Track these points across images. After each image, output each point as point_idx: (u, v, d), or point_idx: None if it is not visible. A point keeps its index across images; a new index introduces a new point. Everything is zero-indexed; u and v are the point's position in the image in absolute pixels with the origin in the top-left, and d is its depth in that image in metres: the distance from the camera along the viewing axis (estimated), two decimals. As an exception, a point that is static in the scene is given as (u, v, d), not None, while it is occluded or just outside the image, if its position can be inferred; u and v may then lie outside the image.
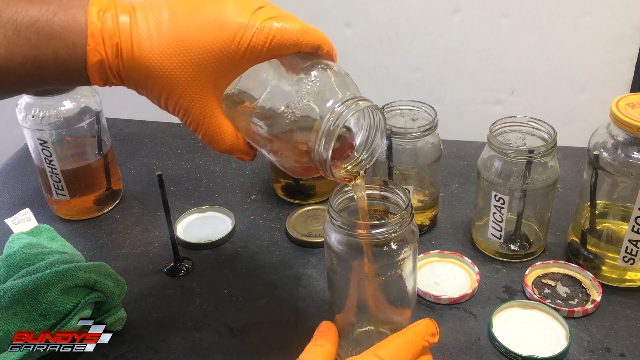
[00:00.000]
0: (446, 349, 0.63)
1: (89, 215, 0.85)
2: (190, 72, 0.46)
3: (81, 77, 0.46)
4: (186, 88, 0.47)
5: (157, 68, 0.46)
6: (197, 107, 0.48)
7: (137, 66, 0.46)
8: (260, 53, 0.47)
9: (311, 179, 0.84)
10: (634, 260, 0.67)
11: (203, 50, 0.46)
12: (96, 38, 0.45)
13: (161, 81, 0.46)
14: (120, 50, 0.45)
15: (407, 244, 0.53)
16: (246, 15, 0.46)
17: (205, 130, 0.49)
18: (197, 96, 0.47)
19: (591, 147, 0.67)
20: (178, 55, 0.46)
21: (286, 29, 0.47)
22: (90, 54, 0.45)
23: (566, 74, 1.28)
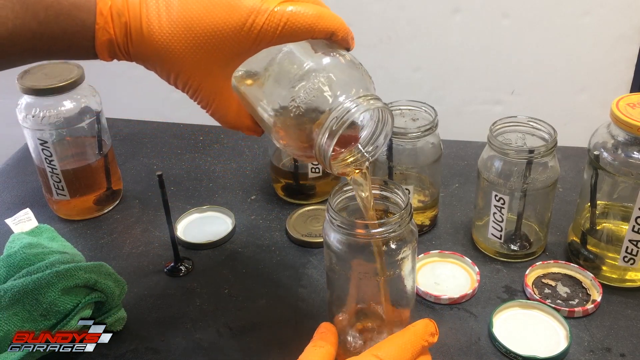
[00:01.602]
0: (446, 349, 0.63)
1: (89, 215, 0.85)
2: (200, 54, 0.46)
3: (88, 53, 0.46)
4: (195, 69, 0.47)
5: (166, 49, 0.45)
6: (206, 87, 0.48)
7: (146, 46, 0.45)
8: (272, 38, 0.46)
9: (311, 179, 0.85)
10: (634, 260, 0.67)
11: (213, 34, 0.45)
12: (105, 16, 0.44)
13: (170, 62, 0.46)
14: (130, 29, 0.45)
15: (406, 244, 0.53)
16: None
17: (214, 108, 0.49)
18: (206, 77, 0.47)
19: (591, 147, 0.67)
20: (187, 38, 0.45)
21: (299, 14, 0.45)
22: (99, 32, 0.45)
23: (566, 74, 1.28)
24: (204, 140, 1.03)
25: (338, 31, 0.48)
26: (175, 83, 0.48)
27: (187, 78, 0.47)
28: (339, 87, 0.47)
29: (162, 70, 0.47)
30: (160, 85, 1.39)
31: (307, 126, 0.47)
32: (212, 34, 0.45)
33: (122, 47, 0.46)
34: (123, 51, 0.46)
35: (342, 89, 0.47)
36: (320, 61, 0.48)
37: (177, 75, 0.47)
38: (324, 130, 0.46)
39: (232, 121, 0.51)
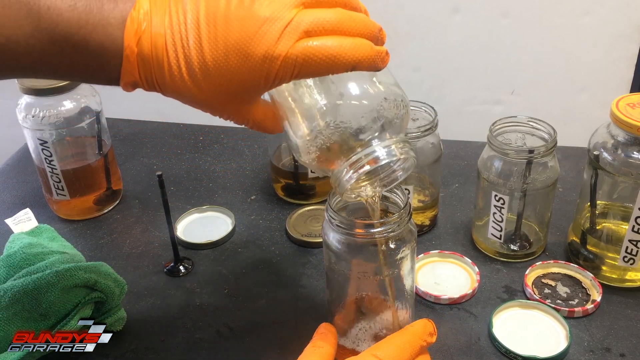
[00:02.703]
0: (446, 349, 0.63)
1: (89, 215, 0.85)
2: (221, 99, 0.46)
3: (111, 84, 0.47)
4: (222, 109, 0.48)
5: (191, 97, 0.46)
6: (237, 117, 0.49)
7: (172, 94, 0.47)
8: (290, 79, 0.45)
9: (311, 179, 0.85)
10: (634, 260, 0.67)
11: (231, 82, 0.45)
12: (132, 63, 0.45)
13: (195, 102, 0.47)
14: (156, 80, 0.46)
15: (405, 244, 0.53)
16: (271, 41, 0.43)
17: (252, 125, 0.50)
18: (234, 112, 0.48)
19: (591, 147, 0.67)
20: (207, 87, 0.45)
21: (315, 56, 0.43)
22: (125, 75, 0.45)
23: (566, 74, 1.28)
24: (204, 140, 1.03)
25: (361, 63, 0.45)
26: (206, 113, 0.49)
27: (214, 112, 0.48)
28: (364, 122, 0.46)
29: (191, 105, 0.48)
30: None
31: (333, 150, 0.47)
32: (229, 82, 0.45)
33: (148, 87, 0.47)
34: (147, 89, 0.47)
35: (368, 124, 0.46)
36: (344, 91, 0.47)
37: (205, 111, 0.48)
38: (348, 164, 0.46)
39: (272, 130, 0.51)
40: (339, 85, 0.47)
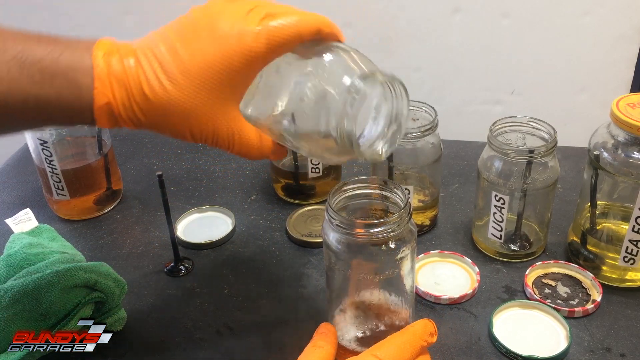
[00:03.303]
0: (446, 349, 0.63)
1: (89, 215, 0.85)
2: (205, 96, 0.46)
3: (86, 118, 0.46)
4: (206, 113, 0.47)
5: (173, 103, 0.46)
6: (221, 128, 0.48)
7: (154, 107, 0.45)
8: (265, 56, 0.46)
9: (311, 179, 0.85)
10: (634, 260, 0.67)
11: (210, 72, 0.45)
12: (103, 81, 0.44)
13: (181, 114, 0.46)
14: (133, 94, 0.45)
15: (405, 244, 0.53)
16: (239, 23, 0.45)
17: (237, 145, 0.49)
18: (219, 118, 0.47)
19: (591, 147, 0.67)
20: (188, 86, 0.45)
21: (283, 25, 0.46)
22: (98, 96, 0.45)
23: (566, 74, 1.27)
24: (204, 140, 1.02)
25: (323, 27, 0.49)
26: (193, 135, 0.48)
27: (201, 125, 0.47)
28: (344, 72, 0.46)
29: (176, 126, 0.47)
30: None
31: (324, 120, 0.47)
32: (208, 72, 0.45)
33: (125, 113, 0.46)
34: (125, 117, 0.46)
35: (348, 72, 0.46)
36: (318, 59, 0.48)
37: (191, 126, 0.47)
38: (341, 114, 0.45)
39: (257, 150, 0.51)
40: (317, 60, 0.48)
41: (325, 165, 0.85)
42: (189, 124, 0.47)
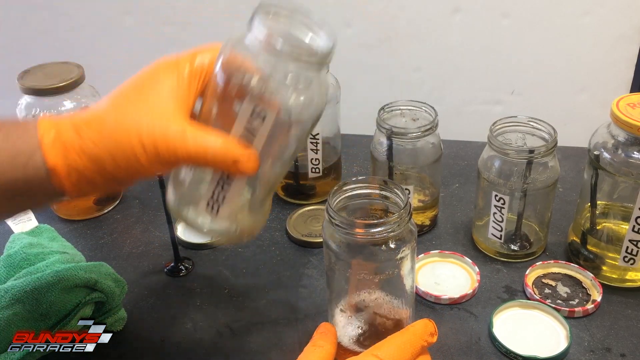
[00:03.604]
0: (446, 349, 0.63)
1: (89, 215, 0.85)
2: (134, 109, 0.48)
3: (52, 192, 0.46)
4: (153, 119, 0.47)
5: (110, 117, 0.47)
6: (171, 126, 0.47)
7: (100, 125, 0.46)
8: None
9: (311, 179, 0.84)
10: (634, 260, 0.67)
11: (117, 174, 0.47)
12: (46, 129, 0.46)
13: (127, 127, 0.46)
14: (77, 125, 0.46)
15: (405, 244, 0.53)
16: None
17: (192, 142, 0.47)
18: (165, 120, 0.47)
19: (591, 147, 0.67)
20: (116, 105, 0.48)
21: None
22: (44, 132, 0.46)
23: (566, 74, 1.27)
24: (204, 141, 1.02)
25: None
26: (144, 147, 0.47)
27: (152, 127, 0.47)
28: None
29: (130, 143, 0.47)
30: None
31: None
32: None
33: (74, 141, 0.46)
34: (77, 147, 0.46)
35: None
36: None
37: (140, 137, 0.47)
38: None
39: (216, 144, 0.48)
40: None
41: (325, 165, 0.85)
42: (138, 133, 0.46)
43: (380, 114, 0.75)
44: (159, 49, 1.35)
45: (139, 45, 1.36)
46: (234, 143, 0.47)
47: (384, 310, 0.58)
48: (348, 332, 0.59)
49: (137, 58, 1.39)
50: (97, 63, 1.35)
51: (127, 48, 1.37)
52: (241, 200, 0.52)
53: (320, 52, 0.46)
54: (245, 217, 0.53)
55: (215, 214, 0.51)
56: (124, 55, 1.38)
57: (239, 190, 0.50)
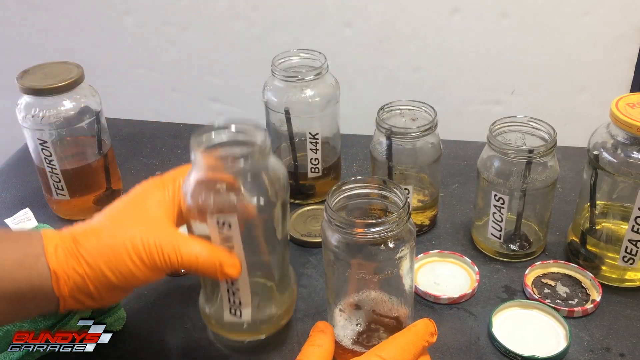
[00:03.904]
0: (446, 349, 0.63)
1: (89, 215, 0.83)
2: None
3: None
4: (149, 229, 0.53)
5: (110, 237, 0.52)
6: (163, 238, 0.52)
7: (97, 236, 0.52)
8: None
9: (311, 179, 0.85)
10: (633, 260, 0.67)
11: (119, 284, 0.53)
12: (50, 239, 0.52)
13: (122, 236, 0.52)
14: (76, 236, 0.52)
15: (404, 243, 0.53)
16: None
17: (185, 254, 0.53)
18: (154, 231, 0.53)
19: (591, 147, 0.67)
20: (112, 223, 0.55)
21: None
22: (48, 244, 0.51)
23: (566, 74, 1.27)
24: (203, 140, 1.02)
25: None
26: (136, 250, 0.52)
27: (148, 235, 0.53)
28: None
29: (125, 246, 0.52)
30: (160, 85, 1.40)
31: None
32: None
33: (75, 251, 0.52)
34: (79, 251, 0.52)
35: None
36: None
37: (134, 245, 0.52)
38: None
39: (205, 253, 0.54)
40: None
41: (324, 165, 0.85)
42: (133, 240, 0.52)
43: (380, 113, 0.75)
44: (159, 49, 1.35)
45: (139, 45, 1.36)
46: (218, 250, 0.54)
47: (383, 309, 0.58)
48: (347, 332, 0.59)
49: (137, 58, 1.39)
50: (97, 63, 1.35)
51: (127, 48, 1.37)
52: (257, 295, 0.60)
53: (252, 152, 0.54)
54: (273, 303, 0.61)
55: (240, 317, 0.59)
56: (124, 55, 1.38)
57: (247, 290, 0.58)
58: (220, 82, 1.40)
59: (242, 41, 1.32)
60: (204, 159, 0.53)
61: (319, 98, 0.80)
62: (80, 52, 1.39)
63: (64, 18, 1.35)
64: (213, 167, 0.53)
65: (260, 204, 0.55)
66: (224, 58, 1.35)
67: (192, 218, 0.55)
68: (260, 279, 0.62)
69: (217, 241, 0.54)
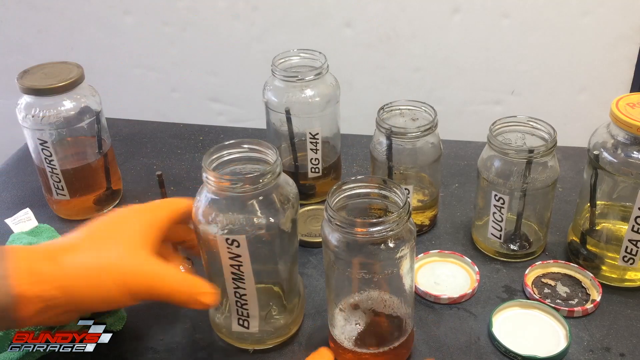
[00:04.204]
0: (446, 349, 0.63)
1: (89, 215, 0.85)
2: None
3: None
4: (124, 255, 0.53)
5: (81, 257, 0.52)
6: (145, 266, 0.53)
7: (75, 256, 0.52)
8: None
9: (311, 179, 0.85)
10: (633, 260, 0.67)
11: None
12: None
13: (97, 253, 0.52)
14: (53, 254, 0.52)
15: (404, 243, 0.53)
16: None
17: (166, 283, 0.53)
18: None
19: (591, 147, 0.67)
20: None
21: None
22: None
23: (566, 74, 1.28)
24: (203, 140, 1.03)
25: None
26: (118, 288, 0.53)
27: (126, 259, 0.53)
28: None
29: (102, 266, 0.53)
30: (160, 85, 1.40)
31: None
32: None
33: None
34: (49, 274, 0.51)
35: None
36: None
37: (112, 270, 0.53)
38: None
39: (186, 285, 0.56)
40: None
41: (325, 165, 0.85)
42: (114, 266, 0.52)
43: (380, 113, 0.75)
44: (159, 49, 1.36)
45: (139, 45, 1.37)
46: (196, 279, 0.55)
47: (383, 309, 0.58)
48: (347, 332, 0.59)
49: (137, 58, 1.39)
50: (97, 63, 1.35)
51: (127, 48, 1.37)
52: (265, 308, 0.62)
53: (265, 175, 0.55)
54: (281, 315, 0.63)
55: (247, 328, 0.61)
56: (124, 55, 1.39)
57: (255, 303, 0.59)
58: (220, 82, 1.40)
59: (242, 41, 1.32)
60: (214, 178, 0.54)
61: (319, 98, 0.80)
62: (80, 52, 1.39)
63: (64, 18, 1.35)
64: (223, 187, 0.54)
65: (270, 223, 0.56)
66: (224, 58, 1.36)
67: (203, 235, 0.57)
68: (268, 292, 0.63)
69: (226, 258, 0.55)
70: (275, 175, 0.55)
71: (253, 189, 0.54)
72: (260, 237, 0.56)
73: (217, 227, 0.55)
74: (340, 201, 0.56)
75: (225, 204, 0.55)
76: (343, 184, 0.56)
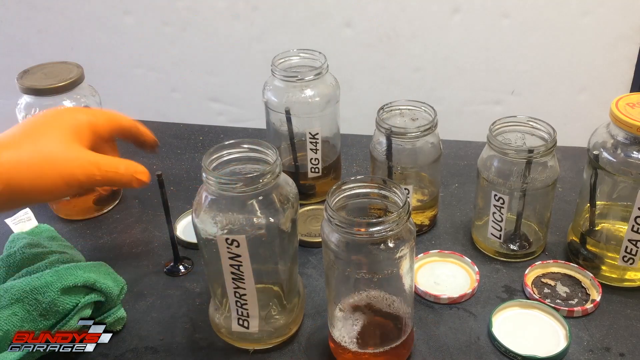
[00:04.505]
0: (446, 349, 0.63)
1: (89, 215, 0.85)
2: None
3: None
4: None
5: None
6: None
7: (17, 151, 0.52)
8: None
9: (311, 179, 0.85)
10: (633, 260, 0.67)
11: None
12: None
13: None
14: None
15: (404, 243, 0.53)
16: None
17: (102, 165, 0.56)
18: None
19: (591, 147, 0.67)
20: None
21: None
22: None
23: (566, 74, 1.28)
24: (203, 140, 1.03)
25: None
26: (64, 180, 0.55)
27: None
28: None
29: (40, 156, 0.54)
30: (160, 85, 1.40)
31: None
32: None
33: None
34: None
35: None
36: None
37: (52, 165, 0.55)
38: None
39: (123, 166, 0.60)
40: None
41: (324, 165, 0.85)
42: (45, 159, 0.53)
43: (380, 113, 0.75)
44: (159, 49, 1.36)
45: (139, 45, 1.37)
46: (131, 162, 0.60)
47: (383, 309, 0.58)
48: (347, 331, 0.59)
49: (137, 58, 1.39)
50: (97, 63, 1.35)
51: (127, 48, 1.37)
52: (265, 308, 0.62)
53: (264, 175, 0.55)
54: (281, 315, 0.62)
55: (247, 328, 0.61)
56: (124, 55, 1.39)
57: (255, 303, 0.59)
58: (220, 82, 1.40)
59: (242, 41, 1.32)
60: (214, 178, 0.54)
61: (319, 98, 0.80)
62: (80, 52, 1.39)
63: (64, 18, 1.35)
64: (223, 187, 0.54)
65: (270, 223, 0.56)
66: (224, 58, 1.36)
67: (203, 234, 0.57)
68: (268, 292, 0.63)
69: (226, 258, 0.56)
70: (275, 175, 0.56)
71: (253, 189, 0.54)
72: (260, 237, 0.56)
73: (217, 227, 0.55)
74: (340, 201, 0.56)
75: (225, 204, 0.55)
76: (343, 184, 0.56)
